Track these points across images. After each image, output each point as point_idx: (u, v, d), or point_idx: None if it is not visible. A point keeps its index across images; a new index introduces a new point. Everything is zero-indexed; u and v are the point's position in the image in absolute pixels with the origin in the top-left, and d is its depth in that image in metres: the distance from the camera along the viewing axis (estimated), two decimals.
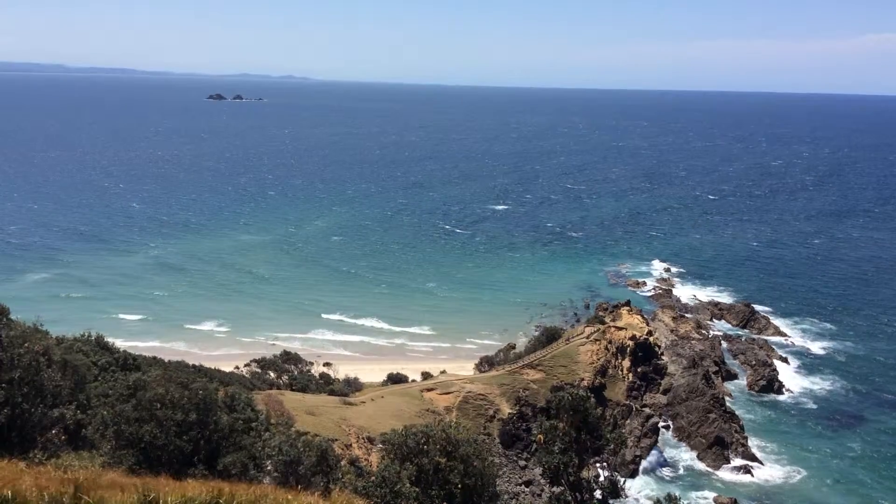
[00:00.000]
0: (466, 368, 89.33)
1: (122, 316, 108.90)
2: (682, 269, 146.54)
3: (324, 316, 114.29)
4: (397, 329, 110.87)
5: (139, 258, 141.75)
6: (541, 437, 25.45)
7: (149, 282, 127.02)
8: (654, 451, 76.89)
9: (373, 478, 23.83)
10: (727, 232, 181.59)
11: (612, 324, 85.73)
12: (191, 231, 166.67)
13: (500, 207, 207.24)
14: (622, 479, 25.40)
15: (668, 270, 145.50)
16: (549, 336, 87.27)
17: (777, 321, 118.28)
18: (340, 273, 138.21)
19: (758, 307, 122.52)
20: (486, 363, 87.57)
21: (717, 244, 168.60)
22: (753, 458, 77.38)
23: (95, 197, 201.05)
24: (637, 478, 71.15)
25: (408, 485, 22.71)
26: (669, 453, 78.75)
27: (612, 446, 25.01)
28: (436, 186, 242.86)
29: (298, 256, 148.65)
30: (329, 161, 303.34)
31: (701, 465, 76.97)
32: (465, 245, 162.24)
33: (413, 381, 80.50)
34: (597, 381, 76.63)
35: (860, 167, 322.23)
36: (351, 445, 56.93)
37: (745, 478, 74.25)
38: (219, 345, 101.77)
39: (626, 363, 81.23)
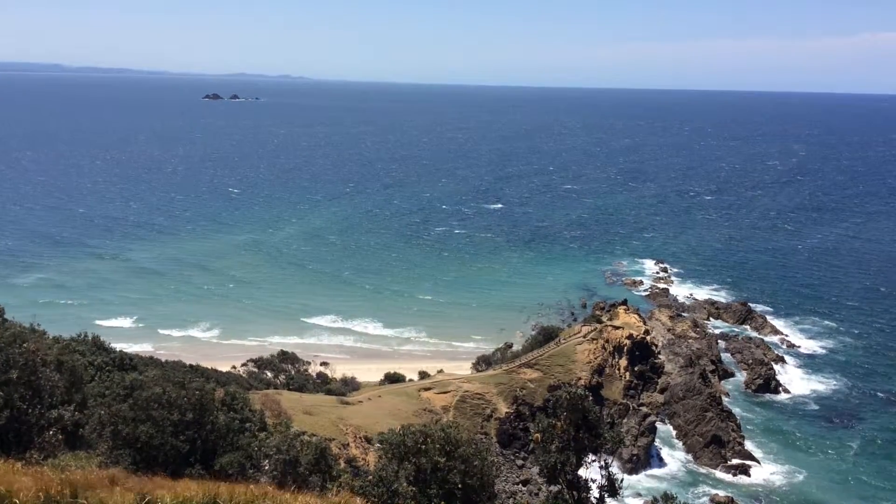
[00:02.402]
0: (464, 368, 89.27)
1: (109, 322, 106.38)
2: (678, 269, 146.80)
3: (316, 320, 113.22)
4: (393, 332, 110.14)
5: (124, 262, 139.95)
6: (538, 435, 25.50)
7: (134, 286, 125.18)
8: (651, 450, 77.04)
9: (370, 477, 23.83)
10: (723, 231, 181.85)
11: (609, 323, 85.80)
12: (181, 234, 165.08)
13: (494, 207, 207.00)
14: (619, 478, 25.44)
15: (664, 270, 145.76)
16: (546, 335, 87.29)
17: (774, 320, 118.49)
18: (331, 276, 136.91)
19: (754, 306, 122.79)
20: (483, 363, 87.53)
21: (713, 243, 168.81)
22: (750, 457, 77.52)
23: (82, 200, 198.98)
24: (634, 476, 71.21)
25: (405, 484, 22.71)
26: (666, 452, 78.94)
27: (609, 445, 25.05)
28: (428, 186, 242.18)
29: (287, 259, 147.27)
30: (321, 161, 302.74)
31: (698, 464, 77.16)
32: (458, 245, 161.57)
33: (410, 380, 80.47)
34: (594, 380, 76.71)
35: (855, 165, 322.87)
36: (348, 445, 56.90)
37: (742, 476, 74.42)
38: (210, 349, 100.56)
39: (623, 362, 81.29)
